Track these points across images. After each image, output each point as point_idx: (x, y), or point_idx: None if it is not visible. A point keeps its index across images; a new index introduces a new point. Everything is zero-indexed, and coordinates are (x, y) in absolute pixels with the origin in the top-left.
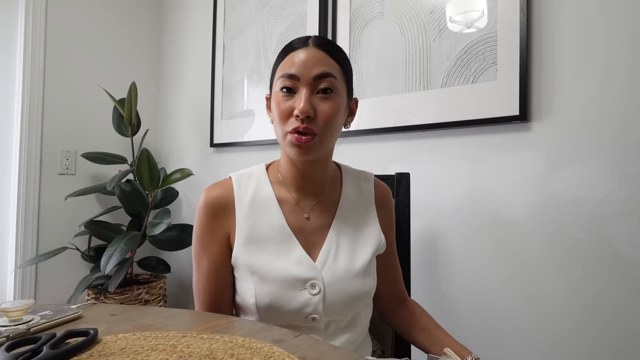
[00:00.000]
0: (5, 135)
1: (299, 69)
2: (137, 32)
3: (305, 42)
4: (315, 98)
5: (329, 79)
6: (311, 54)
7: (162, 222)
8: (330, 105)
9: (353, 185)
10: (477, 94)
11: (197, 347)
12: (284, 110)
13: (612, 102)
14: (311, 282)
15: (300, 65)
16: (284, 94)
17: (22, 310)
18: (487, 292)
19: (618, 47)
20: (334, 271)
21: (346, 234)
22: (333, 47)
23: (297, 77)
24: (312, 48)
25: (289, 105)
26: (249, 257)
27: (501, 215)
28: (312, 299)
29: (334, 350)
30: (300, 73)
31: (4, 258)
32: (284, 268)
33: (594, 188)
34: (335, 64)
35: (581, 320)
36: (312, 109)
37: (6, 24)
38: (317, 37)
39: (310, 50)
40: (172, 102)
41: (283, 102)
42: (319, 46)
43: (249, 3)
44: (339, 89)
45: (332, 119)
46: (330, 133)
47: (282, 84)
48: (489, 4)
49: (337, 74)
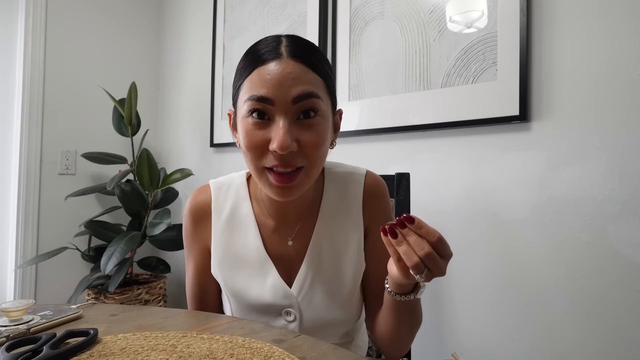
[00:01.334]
0: (5, 135)
1: (273, 91)
2: (137, 32)
3: (277, 51)
4: (295, 126)
5: (312, 100)
6: (287, 69)
7: (162, 222)
8: (316, 133)
9: (336, 192)
10: (477, 94)
11: (197, 347)
12: (256, 143)
13: (612, 102)
14: (286, 309)
15: (274, 84)
16: (255, 121)
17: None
18: (487, 292)
19: (618, 47)
20: (310, 298)
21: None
22: (312, 53)
23: (272, 100)
24: (287, 60)
25: (261, 136)
26: (224, 277)
27: (501, 215)
28: (289, 326)
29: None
30: (276, 96)
31: (4, 258)
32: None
33: (594, 188)
34: (316, 77)
35: (581, 320)
36: (294, 142)
37: (6, 25)
38: (290, 41)
39: (285, 64)
40: (172, 102)
41: (254, 132)
42: (295, 57)
43: (249, 3)
44: (323, 110)
45: (319, 149)
46: (318, 164)
47: (251, 107)
48: (489, 4)
49: (321, 90)
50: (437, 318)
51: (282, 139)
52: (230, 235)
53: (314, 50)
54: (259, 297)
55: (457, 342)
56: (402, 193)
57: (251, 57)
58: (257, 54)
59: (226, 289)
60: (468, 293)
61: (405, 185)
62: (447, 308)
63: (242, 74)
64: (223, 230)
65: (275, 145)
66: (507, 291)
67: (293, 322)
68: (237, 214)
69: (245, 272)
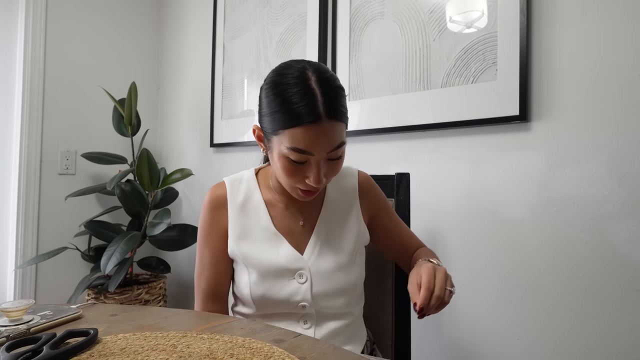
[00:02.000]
0: (5, 135)
1: (313, 147)
2: (137, 32)
3: (315, 111)
4: (326, 164)
5: (342, 147)
6: (326, 130)
7: (162, 222)
8: (339, 162)
9: (336, 184)
10: (477, 94)
11: (197, 347)
12: (293, 177)
13: (612, 102)
14: (299, 272)
15: (314, 143)
16: (293, 163)
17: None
18: (487, 292)
19: (618, 47)
20: (320, 262)
21: (331, 230)
22: (340, 103)
23: (312, 153)
24: (326, 122)
25: (299, 171)
26: (242, 250)
27: (501, 215)
28: (301, 288)
29: (334, 351)
30: (315, 150)
31: (4, 258)
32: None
33: (594, 188)
34: (344, 126)
35: (581, 320)
36: (325, 177)
37: (6, 24)
38: (325, 98)
39: (324, 127)
40: (172, 102)
41: (292, 168)
42: (331, 116)
43: (249, 3)
44: (345, 144)
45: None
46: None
47: (293, 157)
48: (489, 4)
49: (345, 133)
50: (434, 318)
51: (318, 179)
52: (245, 217)
53: (340, 96)
54: (274, 262)
55: (457, 341)
56: (402, 193)
57: (291, 112)
58: (297, 111)
59: (244, 260)
60: (468, 293)
61: (405, 185)
62: (447, 308)
63: (281, 121)
64: (238, 214)
65: (312, 182)
66: (507, 291)
67: (305, 284)
68: (249, 201)
69: (260, 244)
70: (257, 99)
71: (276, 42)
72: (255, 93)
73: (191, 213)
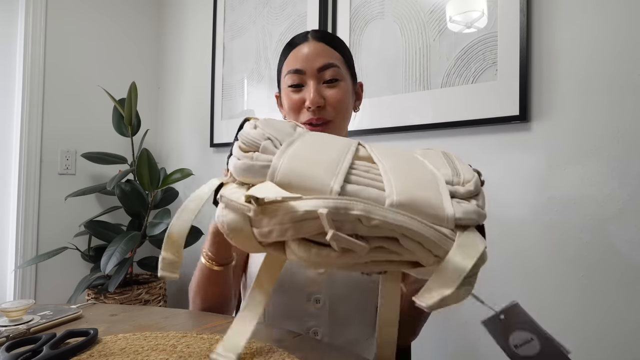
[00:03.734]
0: (5, 135)
1: (303, 63)
2: (137, 32)
3: (305, 36)
4: (322, 88)
5: (333, 68)
6: (312, 47)
7: (162, 222)
8: (337, 91)
9: None
10: (477, 94)
11: (197, 347)
12: (294, 103)
13: (612, 102)
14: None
15: (303, 59)
16: (293, 89)
17: (22, 310)
18: (486, 292)
19: (618, 46)
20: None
21: None
22: (331, 37)
23: (303, 71)
24: (312, 41)
25: (298, 97)
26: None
27: (501, 215)
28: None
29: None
30: (305, 67)
31: (4, 258)
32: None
33: (594, 188)
34: (335, 53)
35: (581, 320)
36: (322, 98)
37: (6, 25)
38: (316, 30)
39: (310, 44)
40: (172, 102)
41: (292, 95)
42: (318, 39)
43: (249, 3)
44: (343, 76)
45: (341, 103)
46: (343, 117)
47: (289, 80)
48: (489, 4)
49: (339, 62)
50: (433, 319)
51: (313, 96)
52: None
53: (334, 36)
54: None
55: (457, 340)
56: None
57: (288, 45)
58: (292, 41)
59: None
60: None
61: None
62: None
63: (281, 59)
64: None
65: (307, 102)
66: (507, 291)
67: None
68: None
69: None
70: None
71: (276, 42)
72: (255, 93)
73: None
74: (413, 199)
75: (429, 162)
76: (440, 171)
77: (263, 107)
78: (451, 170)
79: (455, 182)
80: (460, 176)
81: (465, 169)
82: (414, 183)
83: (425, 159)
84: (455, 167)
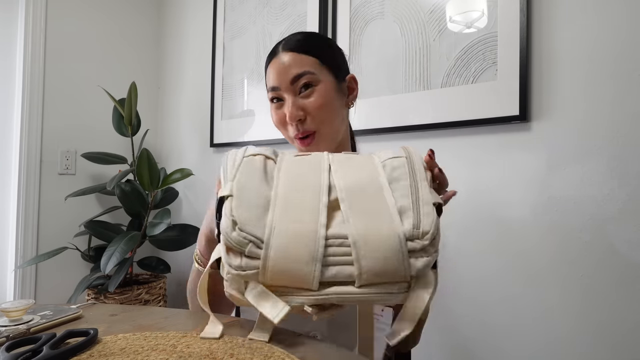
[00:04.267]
0: (5, 135)
1: (276, 79)
2: (137, 32)
3: (276, 50)
4: (299, 100)
5: (306, 76)
6: (283, 60)
7: (162, 222)
8: (315, 98)
9: None
10: (477, 94)
11: (197, 347)
12: (279, 119)
13: (612, 102)
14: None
15: (276, 74)
16: (275, 104)
17: (22, 310)
18: (487, 292)
19: (618, 47)
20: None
21: None
22: (301, 42)
23: (278, 87)
24: (282, 54)
25: (281, 113)
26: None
27: (501, 214)
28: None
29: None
30: (279, 82)
31: (4, 258)
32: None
33: (594, 188)
34: (308, 58)
35: (580, 320)
36: (301, 111)
37: (6, 25)
38: (287, 39)
39: (281, 57)
40: (172, 102)
41: (276, 112)
42: (287, 50)
43: (249, 3)
44: (319, 79)
45: (321, 110)
46: (328, 122)
47: (270, 96)
48: (489, 4)
49: (313, 66)
50: (434, 318)
51: (290, 112)
52: None
53: (305, 40)
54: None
55: (457, 340)
56: None
57: (267, 58)
58: (268, 55)
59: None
60: (468, 293)
61: None
62: (447, 308)
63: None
64: None
65: (287, 117)
66: (507, 291)
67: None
68: None
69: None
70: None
71: (276, 42)
72: (255, 93)
73: (191, 213)
74: (378, 274)
75: (395, 193)
76: (404, 225)
77: (263, 107)
78: (413, 217)
79: (415, 236)
80: (420, 228)
81: (427, 212)
82: (380, 254)
83: (391, 187)
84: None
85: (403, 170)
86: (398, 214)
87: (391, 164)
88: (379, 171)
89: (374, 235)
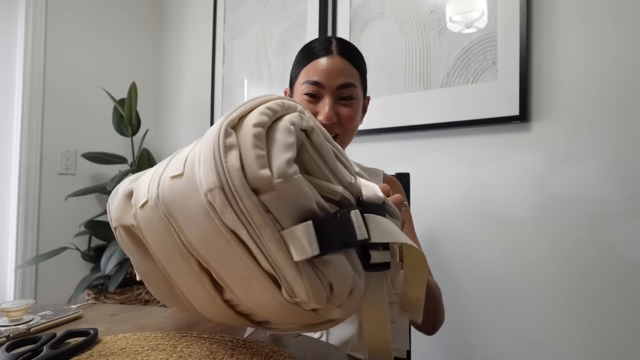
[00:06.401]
0: (5, 135)
1: (323, 78)
2: (137, 32)
3: (329, 49)
4: (337, 104)
5: (351, 88)
6: (335, 64)
7: None
8: (351, 110)
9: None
10: (477, 94)
11: (197, 347)
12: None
13: (612, 102)
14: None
15: (324, 73)
16: (308, 99)
17: (22, 310)
18: (487, 292)
19: (618, 46)
20: None
21: None
22: (354, 53)
23: (322, 85)
24: (336, 57)
25: (312, 109)
26: None
27: (501, 214)
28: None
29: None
30: (325, 82)
31: (4, 258)
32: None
33: (594, 188)
34: (355, 71)
35: (581, 320)
36: (336, 115)
37: (6, 24)
38: (340, 43)
39: (334, 60)
40: (172, 102)
41: (307, 106)
42: (342, 55)
43: (249, 3)
44: (358, 95)
45: (352, 122)
46: (350, 134)
47: (306, 89)
48: (489, 4)
49: (357, 81)
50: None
51: (327, 112)
52: None
53: (355, 51)
54: None
55: (458, 339)
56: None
57: (308, 52)
58: (314, 50)
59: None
60: (468, 292)
61: (405, 185)
62: (447, 307)
63: (301, 63)
64: None
65: (321, 117)
66: (507, 291)
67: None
68: None
69: None
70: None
71: (276, 42)
72: (255, 93)
73: None
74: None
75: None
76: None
77: None
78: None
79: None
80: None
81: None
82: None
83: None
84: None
85: None
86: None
87: None
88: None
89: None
